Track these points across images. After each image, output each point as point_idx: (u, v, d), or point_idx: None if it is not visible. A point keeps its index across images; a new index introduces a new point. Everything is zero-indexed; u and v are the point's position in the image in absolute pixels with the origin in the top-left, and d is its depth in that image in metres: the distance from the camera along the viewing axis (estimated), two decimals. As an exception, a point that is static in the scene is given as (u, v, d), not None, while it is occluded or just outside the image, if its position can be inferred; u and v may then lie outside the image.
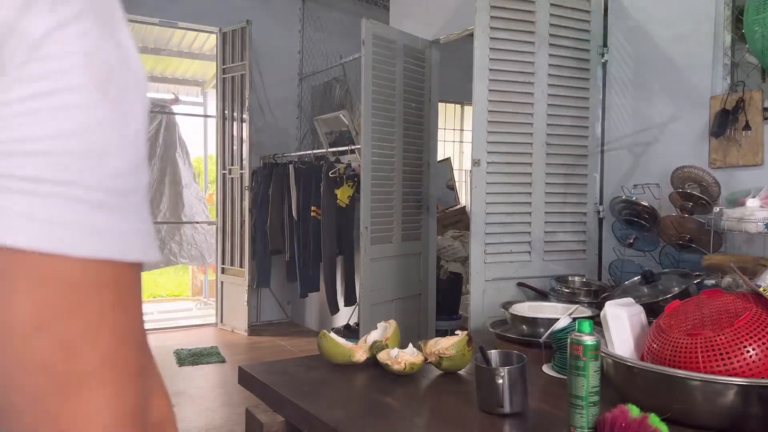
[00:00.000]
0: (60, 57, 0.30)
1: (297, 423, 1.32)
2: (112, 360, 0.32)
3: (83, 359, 0.31)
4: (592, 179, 2.73)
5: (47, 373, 0.30)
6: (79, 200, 0.31)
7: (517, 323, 1.81)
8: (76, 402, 0.31)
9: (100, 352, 0.32)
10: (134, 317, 0.34)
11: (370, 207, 3.26)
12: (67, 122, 0.30)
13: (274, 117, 5.73)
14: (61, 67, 0.30)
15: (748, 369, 1.12)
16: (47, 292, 0.30)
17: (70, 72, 0.31)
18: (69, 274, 0.30)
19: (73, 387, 0.31)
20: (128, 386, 0.33)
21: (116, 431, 0.32)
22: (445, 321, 4.17)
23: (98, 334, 0.31)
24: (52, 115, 0.30)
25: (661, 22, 2.60)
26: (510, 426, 1.19)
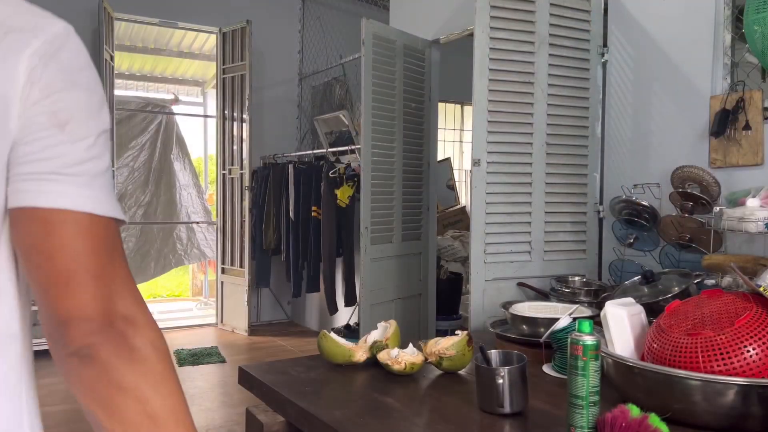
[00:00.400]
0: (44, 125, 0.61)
1: (297, 423, 1.32)
2: (117, 265, 0.65)
3: (107, 266, 0.63)
4: (592, 179, 2.73)
5: (87, 269, 0.62)
6: (90, 184, 0.63)
7: (517, 323, 1.81)
8: (112, 299, 0.63)
9: (117, 264, 0.65)
10: (120, 250, 0.66)
11: (370, 207, 3.26)
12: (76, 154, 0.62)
13: (274, 117, 5.73)
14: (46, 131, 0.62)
15: (748, 369, 1.12)
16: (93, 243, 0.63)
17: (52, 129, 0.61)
18: (101, 227, 0.63)
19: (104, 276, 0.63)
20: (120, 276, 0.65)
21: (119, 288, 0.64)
22: (445, 321, 4.17)
23: (111, 267, 0.64)
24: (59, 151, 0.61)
25: (661, 21, 2.60)
26: (510, 426, 1.19)
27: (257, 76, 5.55)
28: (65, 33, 0.65)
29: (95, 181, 0.63)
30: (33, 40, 0.61)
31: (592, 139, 2.72)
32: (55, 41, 0.63)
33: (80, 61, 0.66)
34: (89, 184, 0.62)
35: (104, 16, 4.71)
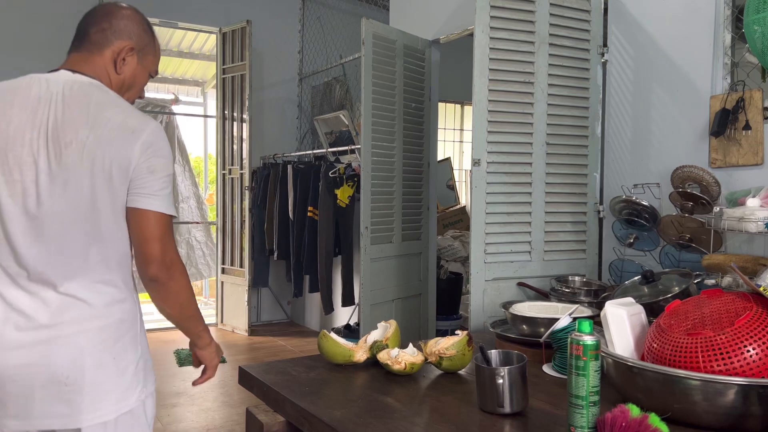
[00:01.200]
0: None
1: (297, 423, 1.32)
2: (169, 236, 1.32)
3: (166, 245, 1.31)
4: (592, 179, 2.73)
5: (156, 236, 1.30)
6: (163, 195, 1.32)
7: (517, 323, 1.81)
8: (167, 251, 1.31)
9: (169, 235, 1.32)
10: (171, 229, 1.33)
11: (370, 207, 3.26)
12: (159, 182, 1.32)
13: (274, 117, 5.74)
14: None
15: (748, 369, 1.12)
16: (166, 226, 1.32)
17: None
18: (164, 218, 1.31)
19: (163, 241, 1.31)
20: (170, 242, 1.33)
21: (172, 256, 1.32)
22: (445, 321, 4.17)
23: (167, 236, 1.32)
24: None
25: (661, 21, 2.60)
26: (510, 426, 1.19)
27: (257, 76, 5.55)
28: (156, 129, 1.33)
29: (164, 198, 1.32)
30: (142, 134, 1.29)
31: (592, 139, 2.72)
32: (152, 135, 1.30)
33: (161, 144, 1.33)
34: (161, 198, 1.31)
35: (104, 16, 4.70)
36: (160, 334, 5.35)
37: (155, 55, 1.45)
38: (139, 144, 1.27)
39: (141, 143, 1.27)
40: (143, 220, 1.28)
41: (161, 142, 1.31)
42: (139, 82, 1.44)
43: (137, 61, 1.40)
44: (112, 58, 1.37)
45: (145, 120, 1.31)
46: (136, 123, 1.28)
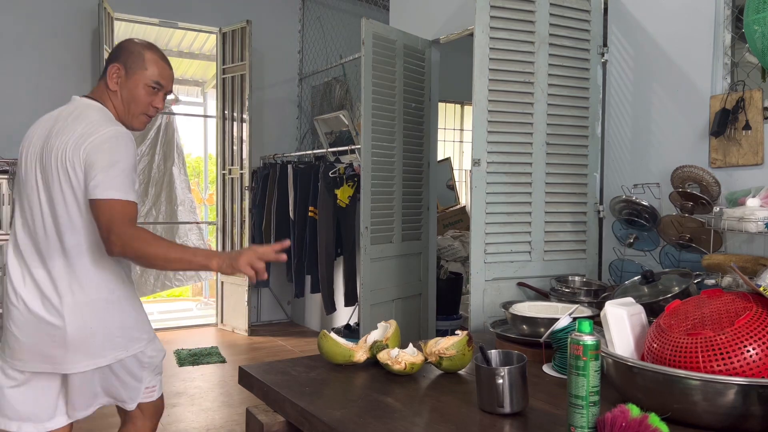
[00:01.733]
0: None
1: (297, 423, 1.32)
2: (128, 222, 1.56)
3: (135, 230, 1.55)
4: (592, 179, 2.73)
5: (122, 232, 1.53)
6: (108, 187, 1.56)
7: (517, 323, 1.81)
8: (116, 232, 1.53)
9: (120, 224, 1.55)
10: (129, 213, 1.57)
11: (370, 207, 3.26)
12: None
13: (274, 117, 5.74)
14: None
15: (748, 369, 1.12)
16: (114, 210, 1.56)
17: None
18: (119, 203, 1.55)
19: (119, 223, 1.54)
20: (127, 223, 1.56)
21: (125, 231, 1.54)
22: (445, 321, 4.17)
23: (125, 219, 1.55)
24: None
25: (661, 21, 2.60)
26: (510, 426, 1.19)
27: (257, 76, 5.55)
28: (109, 134, 1.60)
29: (109, 186, 1.55)
30: (95, 135, 1.58)
31: (592, 139, 2.72)
32: (103, 137, 1.59)
33: (108, 145, 1.58)
34: (108, 187, 1.55)
35: (104, 16, 4.71)
36: (161, 334, 5.35)
37: (147, 69, 1.70)
38: (89, 143, 1.57)
39: (91, 142, 1.58)
40: (100, 207, 1.56)
41: (108, 144, 1.58)
42: (137, 95, 1.72)
43: (127, 77, 1.70)
44: (107, 79, 1.71)
45: (108, 126, 1.62)
46: (102, 126, 1.61)
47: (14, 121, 4.72)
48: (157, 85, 1.72)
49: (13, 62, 4.72)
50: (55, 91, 4.85)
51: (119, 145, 1.59)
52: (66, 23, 4.89)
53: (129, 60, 1.69)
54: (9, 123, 4.70)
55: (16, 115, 4.73)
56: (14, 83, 4.72)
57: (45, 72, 4.82)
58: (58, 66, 4.86)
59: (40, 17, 4.80)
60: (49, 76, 4.83)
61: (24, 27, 4.75)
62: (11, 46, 4.71)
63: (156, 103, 1.74)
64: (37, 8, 4.79)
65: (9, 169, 4.39)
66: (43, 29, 4.81)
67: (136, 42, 1.74)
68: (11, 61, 4.71)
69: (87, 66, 4.94)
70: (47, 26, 4.82)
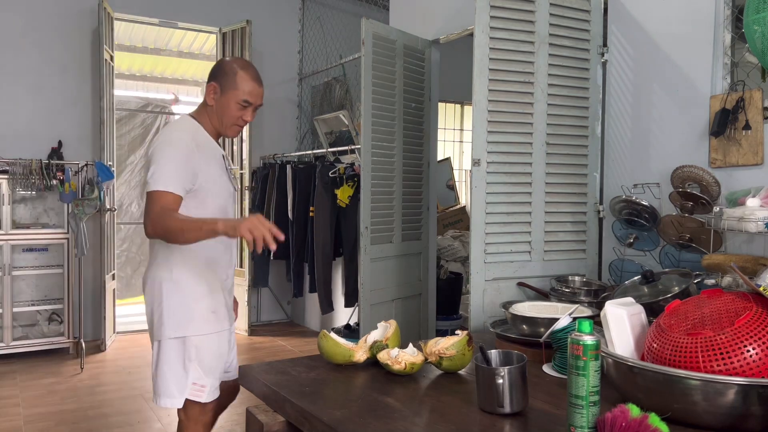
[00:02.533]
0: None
1: (297, 423, 1.32)
2: (159, 208, 1.76)
3: (163, 212, 1.75)
4: (592, 179, 2.73)
5: (154, 216, 1.75)
6: (155, 180, 1.80)
7: (518, 323, 1.81)
8: (156, 212, 1.75)
9: (152, 213, 1.77)
10: (166, 202, 1.77)
11: (370, 207, 3.26)
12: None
13: (274, 117, 5.73)
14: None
15: (748, 368, 1.12)
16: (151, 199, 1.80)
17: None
18: (156, 194, 1.78)
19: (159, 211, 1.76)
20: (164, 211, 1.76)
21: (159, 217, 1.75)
22: (445, 321, 4.17)
23: (164, 210, 1.75)
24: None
25: (661, 21, 2.60)
26: (510, 426, 1.19)
27: (257, 76, 5.54)
28: (164, 137, 1.89)
29: (151, 180, 1.79)
30: (157, 137, 1.90)
31: (592, 139, 2.72)
32: (160, 139, 1.88)
33: (159, 146, 1.84)
34: (151, 181, 1.79)
35: (104, 16, 4.71)
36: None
37: (238, 89, 1.88)
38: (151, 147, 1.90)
39: (150, 145, 1.90)
40: (148, 197, 1.82)
41: (159, 144, 1.84)
42: (228, 110, 1.90)
43: (220, 94, 1.90)
44: (206, 95, 1.94)
45: (164, 131, 1.93)
46: (159, 134, 1.93)
47: (14, 121, 4.72)
48: (245, 103, 1.90)
49: (13, 62, 4.72)
50: (55, 91, 4.85)
51: (169, 145, 1.82)
52: (66, 23, 4.89)
53: (223, 79, 1.89)
54: (9, 123, 4.70)
55: (16, 115, 4.73)
56: (14, 83, 4.72)
57: (45, 72, 4.82)
58: (58, 66, 4.86)
59: (40, 17, 4.80)
60: (49, 76, 4.83)
61: (24, 27, 4.75)
62: (11, 46, 4.71)
63: (245, 117, 1.92)
64: (37, 8, 4.79)
65: (9, 169, 4.39)
66: (43, 29, 4.81)
67: (232, 62, 1.93)
68: (11, 61, 4.71)
69: (87, 66, 4.94)
70: (47, 26, 4.82)
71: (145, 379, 4.02)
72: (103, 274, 4.75)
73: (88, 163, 4.72)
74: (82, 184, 4.59)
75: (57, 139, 4.78)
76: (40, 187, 4.47)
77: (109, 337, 4.83)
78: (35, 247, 4.65)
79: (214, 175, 1.89)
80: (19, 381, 3.94)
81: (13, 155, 4.53)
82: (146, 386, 3.86)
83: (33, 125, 4.77)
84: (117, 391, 3.77)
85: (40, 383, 3.90)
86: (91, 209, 4.45)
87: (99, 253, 4.79)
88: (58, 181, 4.47)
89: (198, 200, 1.85)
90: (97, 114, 4.87)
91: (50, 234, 4.54)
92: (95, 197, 4.44)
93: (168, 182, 1.77)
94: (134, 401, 3.59)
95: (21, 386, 3.83)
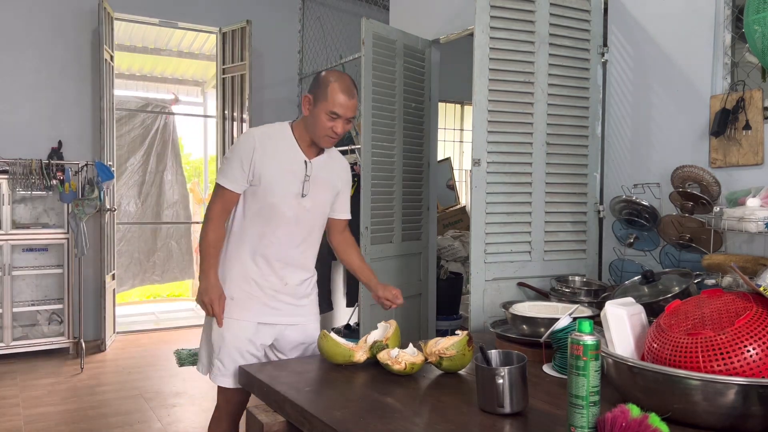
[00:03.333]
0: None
1: (297, 423, 1.32)
2: (210, 206, 2.02)
3: (210, 202, 2.03)
4: (592, 179, 2.73)
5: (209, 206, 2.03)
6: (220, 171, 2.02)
7: (518, 323, 1.81)
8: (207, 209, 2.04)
9: (210, 205, 2.03)
10: (218, 196, 2.00)
11: (370, 207, 3.26)
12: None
13: (274, 117, 5.72)
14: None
15: (748, 368, 1.12)
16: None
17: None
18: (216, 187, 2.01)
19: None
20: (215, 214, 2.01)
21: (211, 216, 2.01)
22: (445, 321, 4.17)
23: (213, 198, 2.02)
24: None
25: (661, 21, 2.60)
26: (510, 426, 1.19)
27: (257, 76, 5.55)
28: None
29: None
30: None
31: (592, 139, 2.72)
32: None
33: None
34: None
35: (104, 16, 4.71)
36: (161, 334, 5.35)
37: (328, 100, 1.91)
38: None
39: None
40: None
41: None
42: (319, 121, 1.93)
43: (313, 105, 1.95)
44: (302, 106, 2.02)
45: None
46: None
47: (14, 121, 4.72)
48: (334, 114, 1.93)
49: (13, 62, 4.72)
50: (55, 91, 4.85)
51: (235, 144, 2.00)
52: (66, 23, 4.89)
53: (317, 91, 1.95)
54: (9, 123, 4.70)
55: (16, 115, 4.73)
56: (14, 83, 4.72)
57: (45, 72, 4.82)
58: (58, 66, 4.86)
59: (40, 17, 4.80)
60: (49, 75, 4.83)
61: (24, 27, 4.75)
62: (11, 46, 4.71)
63: (336, 129, 1.95)
64: (37, 8, 4.79)
65: (9, 169, 4.39)
66: (43, 29, 4.81)
67: (327, 74, 1.98)
68: (11, 61, 4.71)
69: (87, 66, 4.94)
70: (47, 26, 4.82)
71: (145, 379, 4.02)
72: (103, 274, 4.75)
73: (88, 163, 4.72)
74: (82, 184, 4.59)
75: (57, 139, 4.78)
76: (40, 187, 4.46)
77: (109, 337, 4.83)
78: (35, 247, 4.65)
79: (276, 175, 1.97)
80: (19, 381, 3.94)
81: (13, 155, 4.53)
82: (146, 386, 3.87)
83: (33, 125, 4.77)
84: (117, 391, 3.77)
85: (40, 383, 3.90)
86: (91, 209, 4.45)
87: (99, 253, 4.79)
88: (58, 181, 4.47)
89: (257, 196, 1.99)
90: (97, 114, 4.87)
91: (50, 234, 4.54)
92: (95, 197, 4.44)
93: (222, 176, 1.98)
94: (134, 401, 3.59)
95: (21, 386, 3.83)
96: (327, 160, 2.06)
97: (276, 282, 2.01)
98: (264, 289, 2.00)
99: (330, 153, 2.09)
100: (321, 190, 2.04)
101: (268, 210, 1.98)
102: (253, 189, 1.97)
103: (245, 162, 1.94)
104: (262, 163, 1.95)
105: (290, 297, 2.05)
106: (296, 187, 1.98)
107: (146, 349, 4.81)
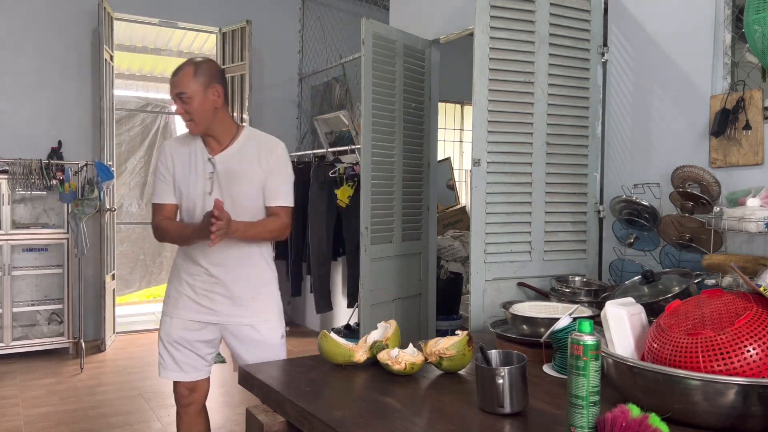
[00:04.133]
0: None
1: (297, 423, 1.32)
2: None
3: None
4: (592, 179, 2.73)
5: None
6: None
7: (518, 323, 1.81)
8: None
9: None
10: (156, 212, 2.11)
11: (370, 207, 3.26)
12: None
13: (274, 117, 5.74)
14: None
15: (748, 368, 1.12)
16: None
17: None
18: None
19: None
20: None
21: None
22: (445, 321, 4.17)
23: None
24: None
25: (661, 21, 2.60)
26: (510, 426, 1.19)
27: (257, 76, 5.55)
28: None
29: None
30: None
31: (592, 139, 2.72)
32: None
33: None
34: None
35: (104, 16, 4.71)
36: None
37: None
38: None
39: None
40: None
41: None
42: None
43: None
44: None
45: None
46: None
47: (14, 121, 4.72)
48: (173, 99, 2.00)
49: (13, 62, 4.72)
50: (55, 91, 4.85)
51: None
52: (66, 23, 4.89)
53: None
54: (9, 123, 4.70)
55: (16, 115, 4.73)
56: (14, 83, 4.72)
57: (45, 72, 4.82)
58: (58, 66, 4.86)
59: (40, 17, 4.80)
60: (49, 76, 4.83)
61: (24, 27, 4.75)
62: (11, 46, 4.71)
63: (179, 111, 1.99)
64: (37, 8, 4.79)
65: (9, 169, 4.39)
66: (43, 29, 4.81)
67: None
68: (11, 61, 4.71)
69: (87, 66, 4.94)
70: (47, 26, 4.82)
71: (144, 379, 4.02)
72: (103, 274, 4.75)
73: (88, 163, 4.72)
74: (82, 184, 4.59)
75: (57, 139, 4.78)
76: (40, 187, 4.46)
77: (109, 337, 4.83)
78: (35, 247, 4.65)
79: (180, 178, 2.06)
80: (19, 381, 3.94)
81: (13, 155, 4.53)
82: (146, 386, 3.86)
83: (33, 125, 4.77)
84: (117, 391, 3.76)
85: (40, 383, 3.90)
86: (90, 209, 4.45)
87: (99, 253, 4.79)
88: (57, 181, 4.47)
89: (178, 200, 2.09)
90: (97, 114, 4.87)
91: (50, 234, 4.54)
92: (95, 197, 4.44)
93: (154, 193, 2.11)
94: (134, 401, 3.59)
95: (21, 386, 3.83)
96: (238, 151, 2.03)
97: (208, 280, 2.06)
98: (195, 288, 2.08)
99: (245, 141, 2.04)
100: (235, 184, 2.00)
101: (184, 212, 2.08)
102: (177, 194, 2.08)
103: (165, 172, 2.06)
104: (174, 169, 2.05)
105: (226, 297, 2.07)
106: (203, 186, 2.02)
107: (146, 349, 4.81)
